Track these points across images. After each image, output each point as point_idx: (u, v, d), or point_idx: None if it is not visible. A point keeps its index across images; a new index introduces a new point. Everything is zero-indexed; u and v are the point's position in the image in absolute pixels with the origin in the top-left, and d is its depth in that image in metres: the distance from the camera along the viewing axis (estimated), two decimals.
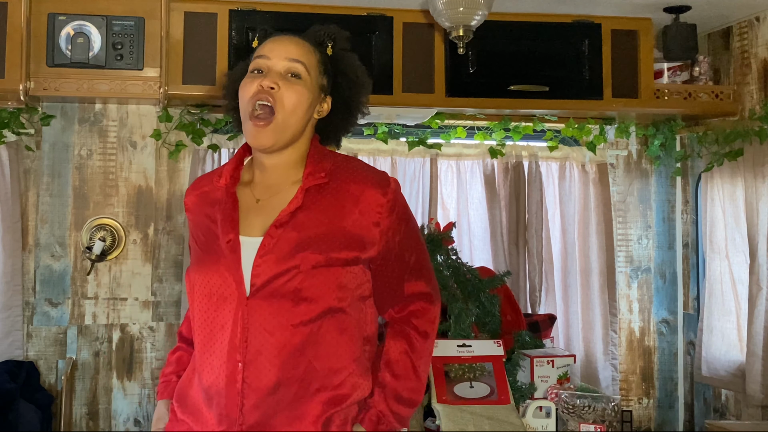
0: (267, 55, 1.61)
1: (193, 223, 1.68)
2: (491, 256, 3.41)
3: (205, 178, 1.73)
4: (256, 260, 1.54)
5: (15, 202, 3.05)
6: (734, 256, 3.20)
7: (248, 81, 1.60)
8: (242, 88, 1.60)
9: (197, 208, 1.68)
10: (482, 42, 2.94)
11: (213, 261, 1.58)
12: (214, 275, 1.57)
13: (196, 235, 1.66)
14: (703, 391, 3.45)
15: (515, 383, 2.46)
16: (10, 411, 2.72)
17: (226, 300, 1.55)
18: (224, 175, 1.65)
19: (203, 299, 1.59)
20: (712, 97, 3.24)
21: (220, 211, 1.61)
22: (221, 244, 1.57)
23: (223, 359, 1.54)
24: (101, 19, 2.85)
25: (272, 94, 1.56)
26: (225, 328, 1.55)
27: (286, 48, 1.61)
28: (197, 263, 1.63)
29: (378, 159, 3.39)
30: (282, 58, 1.60)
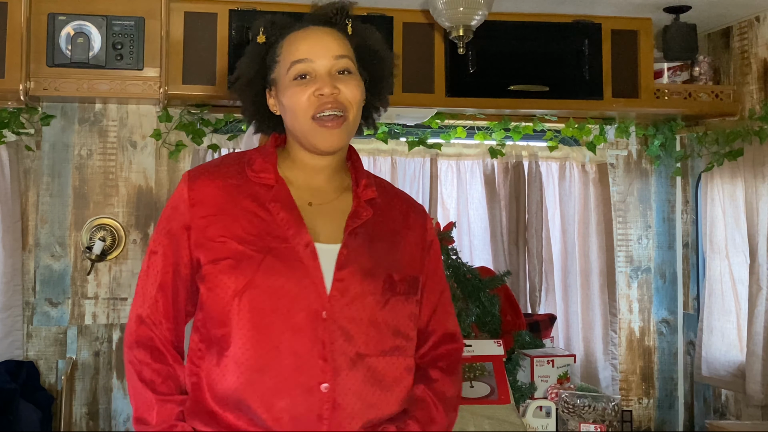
0: (309, 57, 1.47)
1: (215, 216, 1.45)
2: (491, 256, 3.41)
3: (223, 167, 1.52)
4: (338, 272, 1.42)
5: (15, 202, 3.05)
6: (734, 256, 3.20)
7: (297, 90, 1.45)
8: (291, 98, 1.46)
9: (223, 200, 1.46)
10: (482, 42, 2.94)
11: (283, 266, 1.40)
12: (287, 282, 1.39)
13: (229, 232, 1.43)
14: (703, 391, 3.45)
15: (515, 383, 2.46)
16: (10, 411, 2.72)
17: (302, 312, 1.39)
18: (268, 169, 1.50)
19: (264, 309, 1.39)
20: (712, 97, 3.24)
21: (281, 209, 1.45)
22: (296, 247, 1.42)
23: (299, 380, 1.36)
24: (101, 19, 2.85)
25: (336, 98, 1.45)
26: (299, 345, 1.37)
27: (326, 45, 1.48)
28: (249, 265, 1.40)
29: (378, 159, 3.39)
30: (327, 57, 1.47)
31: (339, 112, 1.45)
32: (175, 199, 1.50)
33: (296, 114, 1.46)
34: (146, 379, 1.45)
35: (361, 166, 1.60)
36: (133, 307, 1.51)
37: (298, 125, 1.47)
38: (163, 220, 1.50)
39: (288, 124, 1.51)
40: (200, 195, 1.47)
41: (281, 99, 1.49)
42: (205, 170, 1.51)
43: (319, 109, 1.44)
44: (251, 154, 1.54)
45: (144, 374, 1.45)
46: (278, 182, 1.48)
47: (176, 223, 1.48)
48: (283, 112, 1.50)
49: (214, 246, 1.43)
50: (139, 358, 1.46)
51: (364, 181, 1.54)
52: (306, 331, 1.38)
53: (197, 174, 1.50)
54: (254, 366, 1.37)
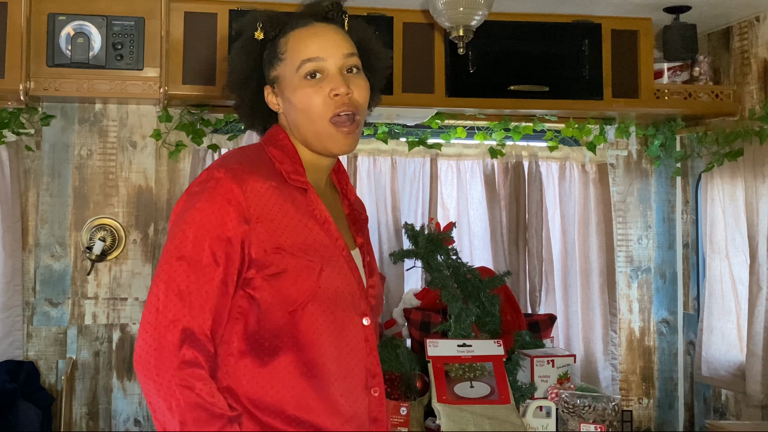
0: (321, 56, 1.44)
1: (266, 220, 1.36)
2: (491, 256, 3.41)
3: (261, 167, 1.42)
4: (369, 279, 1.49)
5: (15, 202, 3.05)
6: (734, 256, 3.20)
7: (311, 90, 1.42)
8: (305, 98, 1.43)
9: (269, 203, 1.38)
10: (482, 42, 2.94)
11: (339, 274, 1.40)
12: (346, 287, 1.41)
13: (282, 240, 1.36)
14: (703, 391, 3.45)
15: (515, 383, 2.46)
16: (10, 411, 2.72)
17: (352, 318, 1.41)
18: (299, 170, 1.45)
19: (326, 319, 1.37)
20: (712, 97, 3.24)
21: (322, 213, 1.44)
22: (342, 254, 1.43)
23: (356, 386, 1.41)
24: (101, 19, 2.85)
25: (350, 99, 1.43)
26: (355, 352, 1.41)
27: (336, 43, 1.45)
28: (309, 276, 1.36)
29: (378, 159, 3.39)
30: (338, 56, 1.44)
31: (351, 112, 1.44)
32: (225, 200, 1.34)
33: (310, 115, 1.43)
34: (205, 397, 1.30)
35: (342, 165, 1.61)
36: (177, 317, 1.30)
37: (312, 127, 1.44)
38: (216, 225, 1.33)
39: (296, 123, 1.46)
40: (255, 197, 1.36)
41: (290, 97, 1.45)
42: (249, 168, 1.39)
43: (337, 110, 1.43)
44: (273, 152, 1.46)
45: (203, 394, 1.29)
46: (309, 186, 1.45)
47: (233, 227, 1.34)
48: (291, 111, 1.46)
49: (272, 257, 1.35)
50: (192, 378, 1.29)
51: (350, 185, 1.59)
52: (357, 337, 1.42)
53: (242, 172, 1.38)
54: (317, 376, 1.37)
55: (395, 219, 3.35)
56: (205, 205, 1.34)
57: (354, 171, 3.34)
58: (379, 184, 3.37)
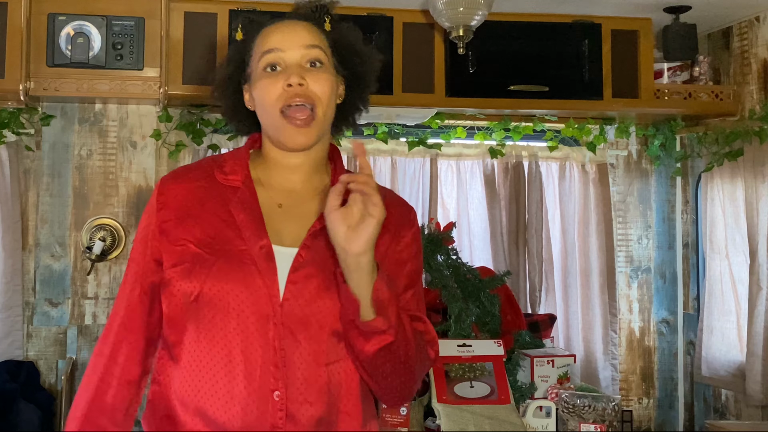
0: (279, 47, 1.42)
1: (179, 219, 1.42)
2: (491, 256, 3.41)
3: (194, 171, 1.49)
4: (291, 274, 1.36)
5: (15, 202, 3.05)
6: (734, 256, 3.20)
7: (267, 82, 1.41)
8: (261, 90, 1.42)
9: (188, 204, 1.43)
10: (482, 42, 2.94)
11: (234, 269, 1.35)
12: (236, 286, 1.34)
13: (189, 235, 1.40)
14: (703, 391, 3.45)
15: (515, 383, 2.46)
16: (10, 411, 2.72)
17: (251, 316, 1.33)
18: (237, 171, 1.46)
19: (217, 314, 1.34)
20: (712, 97, 3.24)
21: (241, 212, 1.40)
22: (251, 250, 1.36)
23: (250, 388, 1.31)
24: (101, 19, 2.85)
25: (304, 91, 1.39)
26: (250, 350, 1.33)
27: (298, 34, 1.43)
28: (202, 268, 1.36)
29: (378, 159, 3.39)
30: (297, 46, 1.41)
31: (307, 105, 1.39)
32: (148, 205, 1.48)
33: (265, 107, 1.42)
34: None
35: (342, 167, 1.54)
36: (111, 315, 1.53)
37: (269, 120, 1.42)
38: (139, 228, 1.49)
39: (260, 118, 1.46)
40: (167, 198, 1.44)
41: (254, 93, 1.45)
42: (176, 173, 1.49)
43: (288, 101, 1.39)
44: (225, 156, 1.50)
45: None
46: (245, 184, 1.44)
47: (146, 228, 1.46)
48: (257, 107, 1.46)
49: (175, 250, 1.39)
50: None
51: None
52: (256, 336, 1.33)
53: (168, 177, 1.48)
54: (207, 374, 1.34)
55: None
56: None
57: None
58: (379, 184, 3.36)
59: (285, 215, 1.43)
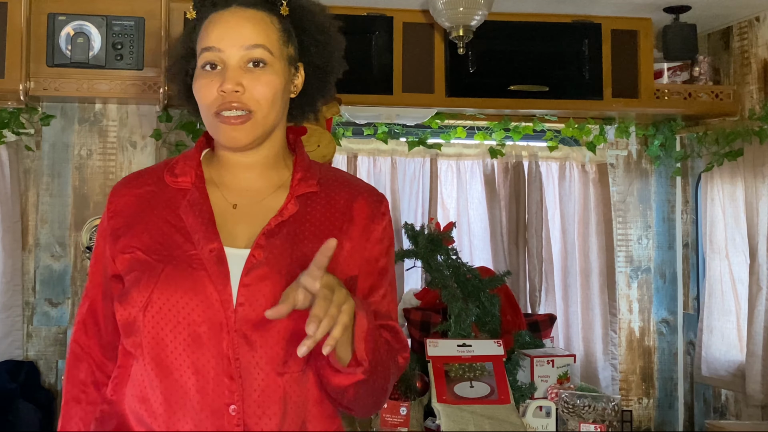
0: (217, 46, 1.30)
1: (128, 227, 1.34)
2: (491, 256, 3.41)
3: (144, 175, 1.40)
4: (243, 277, 1.26)
5: (15, 202, 3.05)
6: (734, 256, 3.20)
7: (204, 82, 1.31)
8: (198, 90, 1.32)
9: (137, 210, 1.35)
10: (482, 42, 2.94)
11: (182, 275, 1.26)
12: (186, 294, 1.25)
13: (137, 242, 1.32)
14: (703, 391, 3.45)
15: (515, 383, 2.46)
16: (10, 411, 2.72)
17: (203, 325, 1.24)
18: (187, 172, 1.36)
19: (167, 324, 1.25)
20: (712, 97, 3.24)
21: (190, 215, 1.31)
22: (201, 254, 1.27)
23: (203, 402, 1.23)
24: (101, 19, 2.85)
25: (239, 98, 1.28)
26: (203, 362, 1.24)
27: (238, 32, 1.30)
28: (150, 276, 1.27)
29: (378, 159, 3.39)
30: (236, 47, 1.29)
31: (242, 112, 1.29)
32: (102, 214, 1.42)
33: (202, 108, 1.33)
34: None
35: (303, 160, 1.41)
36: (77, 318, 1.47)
37: (206, 121, 1.34)
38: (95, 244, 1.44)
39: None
40: (117, 206, 1.38)
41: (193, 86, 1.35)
42: (127, 179, 1.42)
43: (222, 107, 1.29)
44: (177, 159, 1.41)
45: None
46: (195, 185, 1.35)
47: (100, 237, 1.41)
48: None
49: (124, 258, 1.32)
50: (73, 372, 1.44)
51: (299, 176, 1.37)
52: (209, 347, 1.24)
53: (119, 184, 1.42)
54: (158, 388, 1.26)
55: (395, 219, 3.35)
56: None
57: (354, 171, 3.34)
58: (379, 184, 3.37)
59: (240, 216, 1.34)
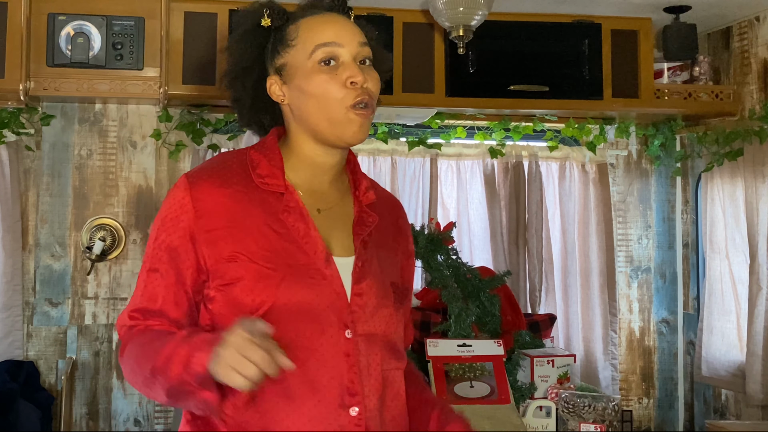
0: (338, 41, 1.36)
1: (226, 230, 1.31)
2: (491, 256, 3.41)
3: (227, 172, 1.37)
4: (355, 286, 1.32)
5: (15, 202, 3.05)
6: (734, 256, 3.20)
7: (327, 77, 1.34)
8: (320, 84, 1.34)
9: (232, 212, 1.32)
10: (482, 42, 2.94)
11: (302, 285, 1.29)
12: (310, 300, 1.28)
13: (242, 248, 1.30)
14: (703, 391, 3.44)
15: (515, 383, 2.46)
16: (10, 411, 2.72)
17: (326, 332, 1.28)
18: (275, 174, 1.36)
19: (288, 331, 1.26)
20: (712, 97, 3.24)
21: (296, 223, 1.33)
22: (316, 263, 1.31)
23: (328, 405, 1.26)
24: (101, 19, 2.85)
25: (367, 90, 1.35)
26: (326, 367, 1.27)
27: (351, 30, 1.38)
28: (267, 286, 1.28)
29: (378, 159, 3.39)
30: (353, 43, 1.37)
31: (368, 106, 1.36)
32: (175, 208, 1.34)
33: (327, 102, 1.34)
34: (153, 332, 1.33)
35: (359, 167, 1.49)
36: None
37: (327, 114, 1.34)
38: (162, 232, 1.34)
39: (307, 112, 1.37)
40: (206, 205, 1.32)
41: (301, 84, 1.36)
42: (208, 175, 1.36)
43: (357, 99, 1.34)
44: (253, 155, 1.39)
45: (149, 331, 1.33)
46: (288, 189, 1.35)
47: (179, 236, 1.32)
48: (301, 100, 1.37)
49: (227, 265, 1.29)
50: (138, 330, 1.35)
51: (365, 184, 1.44)
52: (332, 352, 1.28)
53: (199, 179, 1.35)
54: (281, 392, 1.26)
55: None
56: (162, 213, 1.36)
57: None
58: (379, 184, 3.36)
59: (326, 221, 1.37)
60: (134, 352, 1.32)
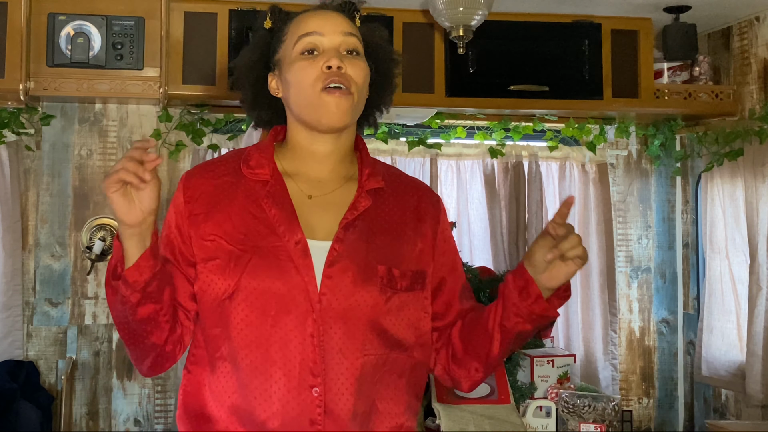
0: (319, 30, 1.41)
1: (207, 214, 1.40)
2: (491, 256, 3.41)
3: (219, 166, 1.46)
4: (327, 269, 1.34)
5: (15, 202, 3.05)
6: (734, 256, 3.20)
7: (305, 64, 1.39)
8: (298, 71, 1.39)
9: (216, 199, 1.41)
10: (482, 42, 2.94)
11: (270, 265, 1.34)
12: (275, 282, 1.33)
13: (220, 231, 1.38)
14: (703, 391, 3.45)
15: (515, 383, 2.46)
16: (10, 411, 2.72)
17: (291, 313, 1.32)
18: (264, 164, 1.43)
19: (253, 311, 1.33)
20: (712, 97, 3.24)
21: (273, 207, 1.38)
22: (286, 246, 1.35)
23: (290, 384, 1.31)
24: (101, 19, 2.85)
25: (343, 74, 1.38)
26: (289, 347, 1.32)
27: (337, 21, 1.43)
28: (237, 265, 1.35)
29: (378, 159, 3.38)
30: (337, 32, 1.41)
31: (344, 86, 1.38)
32: (173, 199, 1.44)
33: (302, 86, 1.39)
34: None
35: (368, 155, 1.53)
36: None
37: (305, 99, 1.40)
38: (164, 225, 1.45)
39: (291, 101, 1.43)
40: (195, 192, 1.42)
41: (286, 76, 1.43)
42: (201, 168, 1.47)
43: (326, 82, 1.37)
44: (249, 151, 1.47)
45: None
46: (274, 177, 1.41)
47: (173, 222, 1.43)
48: (287, 90, 1.43)
49: (205, 245, 1.38)
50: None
51: (367, 171, 1.47)
52: (295, 333, 1.32)
53: (193, 172, 1.46)
54: (244, 371, 1.32)
55: None
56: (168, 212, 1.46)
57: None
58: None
59: (315, 207, 1.41)
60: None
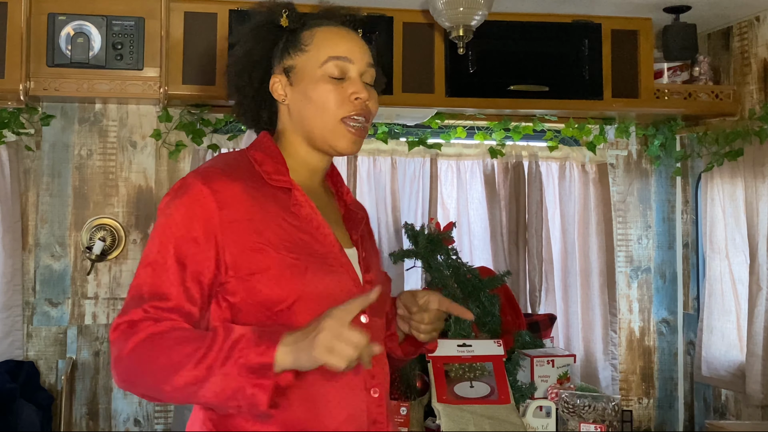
0: (350, 57, 1.43)
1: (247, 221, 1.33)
2: (491, 256, 3.41)
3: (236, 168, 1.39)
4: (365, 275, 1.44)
5: (15, 202, 3.05)
6: (734, 256, 3.20)
7: (332, 88, 1.41)
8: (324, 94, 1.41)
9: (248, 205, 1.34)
10: (482, 42, 2.94)
11: (326, 271, 1.36)
12: (334, 288, 1.35)
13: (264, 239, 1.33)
14: (703, 391, 3.45)
15: (515, 383, 2.46)
16: (10, 411, 2.72)
17: None
18: (282, 171, 1.42)
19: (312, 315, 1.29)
20: (712, 97, 3.24)
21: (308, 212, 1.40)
22: (332, 253, 1.39)
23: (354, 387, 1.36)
24: (101, 19, 2.85)
25: (366, 108, 1.44)
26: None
27: (363, 49, 1.47)
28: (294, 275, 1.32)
29: (378, 159, 3.39)
30: (364, 62, 1.45)
31: (364, 118, 1.43)
32: (192, 201, 1.32)
33: (324, 110, 1.41)
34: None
35: (336, 169, 1.61)
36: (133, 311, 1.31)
37: (322, 122, 1.41)
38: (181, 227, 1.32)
39: (305, 116, 1.43)
40: (225, 197, 1.33)
41: (306, 90, 1.42)
42: (220, 170, 1.37)
43: (351, 112, 1.41)
44: (255, 155, 1.43)
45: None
46: (293, 185, 1.41)
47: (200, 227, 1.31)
48: (302, 104, 1.43)
49: (252, 256, 1.32)
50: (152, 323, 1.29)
51: (345, 187, 1.58)
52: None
53: (212, 174, 1.36)
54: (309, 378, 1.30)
55: (395, 219, 3.35)
56: (173, 210, 1.33)
57: (354, 171, 3.34)
58: (379, 184, 3.37)
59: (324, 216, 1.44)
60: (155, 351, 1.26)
